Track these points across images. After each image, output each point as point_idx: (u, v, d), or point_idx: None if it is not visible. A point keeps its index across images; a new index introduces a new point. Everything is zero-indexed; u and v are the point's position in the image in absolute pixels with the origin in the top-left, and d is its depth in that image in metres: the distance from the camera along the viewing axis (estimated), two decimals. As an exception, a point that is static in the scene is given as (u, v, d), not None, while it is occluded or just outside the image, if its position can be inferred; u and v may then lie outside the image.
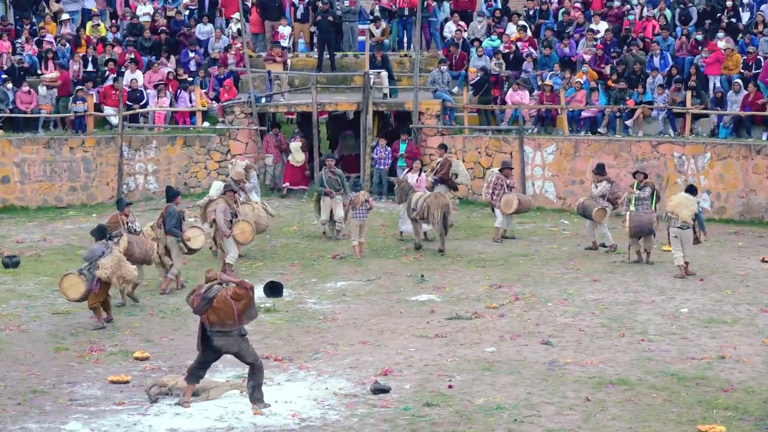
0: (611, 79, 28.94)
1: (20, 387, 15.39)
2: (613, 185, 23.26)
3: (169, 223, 20.27)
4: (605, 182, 23.20)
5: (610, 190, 23.09)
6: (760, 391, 14.93)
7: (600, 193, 23.10)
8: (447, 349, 16.92)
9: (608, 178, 23.40)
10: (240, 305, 14.21)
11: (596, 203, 23.05)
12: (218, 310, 14.18)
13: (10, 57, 30.12)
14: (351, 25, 32.34)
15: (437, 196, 23.11)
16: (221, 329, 14.24)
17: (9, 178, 27.77)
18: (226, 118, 29.58)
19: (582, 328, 17.90)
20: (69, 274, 18.36)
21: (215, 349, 14.39)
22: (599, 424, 13.83)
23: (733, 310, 18.91)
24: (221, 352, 14.43)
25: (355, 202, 22.95)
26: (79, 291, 18.18)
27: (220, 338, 14.29)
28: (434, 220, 22.88)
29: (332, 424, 13.96)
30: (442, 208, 22.79)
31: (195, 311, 14.42)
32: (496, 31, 31.70)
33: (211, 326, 14.23)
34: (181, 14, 32.44)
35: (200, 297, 14.28)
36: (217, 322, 14.20)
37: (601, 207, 22.96)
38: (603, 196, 23.06)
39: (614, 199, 23.05)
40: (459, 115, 29.84)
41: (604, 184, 23.16)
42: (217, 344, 14.31)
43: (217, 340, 14.30)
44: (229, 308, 14.20)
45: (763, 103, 26.93)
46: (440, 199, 22.97)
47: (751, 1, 31.26)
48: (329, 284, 21.07)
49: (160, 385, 14.95)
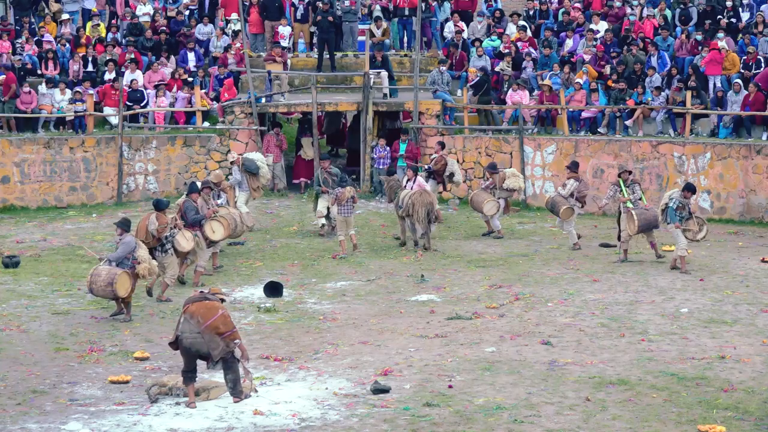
0: (611, 79, 28.95)
1: (20, 387, 15.40)
2: (581, 183, 23.67)
3: (190, 216, 20.58)
4: (573, 180, 23.60)
5: (577, 188, 23.51)
6: (760, 391, 14.93)
7: (568, 191, 23.52)
8: (447, 349, 16.92)
9: (577, 176, 23.75)
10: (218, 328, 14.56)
11: (565, 201, 23.42)
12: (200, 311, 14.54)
13: (10, 57, 30.11)
14: (351, 25, 32.33)
15: (422, 194, 23.29)
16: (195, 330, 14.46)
17: (9, 178, 27.76)
18: (226, 118, 29.58)
19: (582, 328, 17.90)
20: (122, 274, 18.35)
21: (185, 348, 14.57)
22: (599, 424, 13.84)
23: (733, 310, 18.91)
24: (191, 351, 14.57)
25: (341, 198, 23.14)
26: (126, 288, 18.47)
27: (189, 336, 14.50)
28: (418, 217, 23.13)
29: (332, 424, 13.96)
30: (425, 206, 23.03)
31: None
32: (496, 31, 31.71)
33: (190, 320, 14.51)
34: (181, 14, 32.44)
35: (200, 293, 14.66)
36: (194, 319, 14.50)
37: (569, 206, 23.34)
38: (572, 194, 23.46)
39: (581, 198, 23.55)
40: (459, 115, 29.85)
41: (572, 182, 23.59)
42: (186, 343, 14.50)
43: (187, 338, 14.50)
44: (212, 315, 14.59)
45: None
46: (425, 197, 23.18)
47: (751, 1, 31.25)
48: (329, 284, 21.07)
49: (160, 385, 14.97)
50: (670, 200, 21.44)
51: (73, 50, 30.90)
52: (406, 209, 23.26)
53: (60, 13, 32.32)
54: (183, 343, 14.53)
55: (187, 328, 14.51)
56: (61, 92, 29.07)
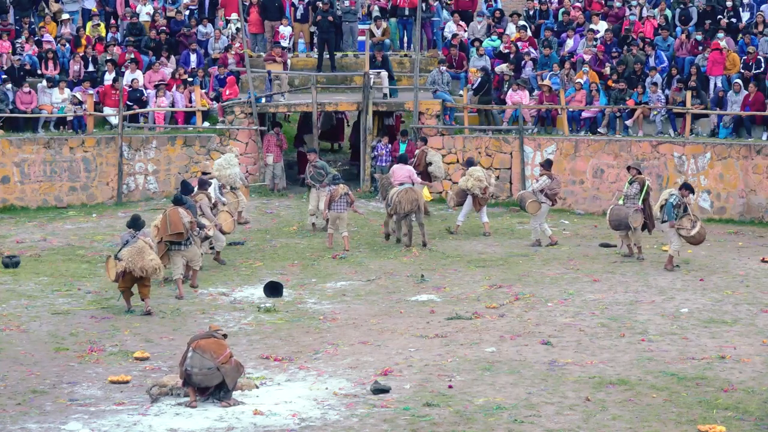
0: (611, 79, 28.95)
1: (20, 387, 15.40)
2: (552, 181, 23.83)
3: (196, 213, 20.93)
4: (545, 177, 23.82)
5: (549, 185, 23.67)
6: (760, 391, 14.93)
7: (539, 187, 23.75)
8: (447, 349, 16.92)
9: (549, 174, 23.95)
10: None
11: (532, 196, 23.67)
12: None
13: (10, 57, 30.11)
14: (351, 25, 32.33)
15: (407, 191, 23.52)
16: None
17: (9, 178, 27.74)
18: (226, 118, 29.58)
19: (582, 328, 17.90)
20: (108, 257, 19.10)
21: (195, 383, 14.72)
22: (599, 424, 13.84)
23: (733, 310, 18.91)
24: (200, 386, 14.73)
25: (334, 195, 23.41)
26: (112, 274, 18.88)
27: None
28: (399, 211, 23.43)
29: (332, 424, 13.97)
30: (411, 203, 23.27)
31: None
32: (496, 31, 31.71)
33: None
34: (181, 14, 32.43)
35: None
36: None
37: (534, 200, 23.53)
38: (542, 190, 23.66)
39: (552, 195, 23.75)
40: (459, 115, 29.85)
41: (544, 179, 23.82)
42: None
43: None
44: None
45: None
46: (410, 194, 23.42)
47: (751, 1, 31.25)
48: (329, 284, 21.07)
49: (161, 385, 14.98)
50: (671, 196, 21.45)
51: (73, 50, 30.90)
52: (394, 206, 23.51)
53: (60, 13, 32.31)
54: (192, 378, 14.56)
55: (197, 363, 14.53)
56: (61, 92, 29.07)
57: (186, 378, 14.59)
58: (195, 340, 14.81)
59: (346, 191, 23.47)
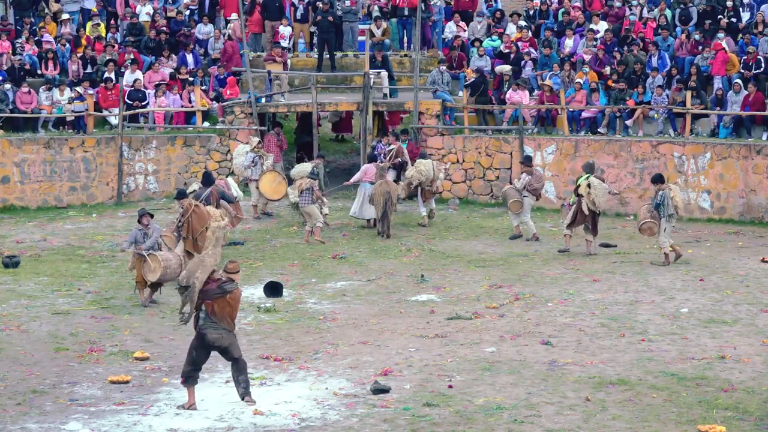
0: (611, 79, 28.95)
1: (20, 387, 15.40)
2: (533, 177, 24.28)
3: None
4: (525, 174, 24.33)
5: (529, 182, 24.16)
6: (760, 391, 14.94)
7: (521, 185, 24.25)
8: (447, 349, 16.92)
9: (530, 171, 24.44)
10: (237, 308, 14.51)
11: (516, 194, 24.20)
12: (225, 306, 14.28)
13: (10, 57, 30.11)
14: (351, 25, 32.33)
15: (381, 185, 24.58)
16: (217, 323, 14.28)
17: (9, 178, 27.74)
18: (226, 118, 29.59)
19: (582, 328, 17.90)
20: (151, 255, 19.31)
21: (207, 344, 14.39)
22: (599, 424, 13.84)
23: (733, 310, 18.91)
24: (213, 346, 14.42)
25: (300, 189, 24.33)
26: (150, 275, 19.28)
27: (214, 332, 14.31)
28: (377, 206, 24.54)
29: (332, 424, 13.97)
30: (383, 195, 24.38)
31: (202, 295, 14.33)
32: (496, 31, 31.71)
33: (211, 316, 14.25)
34: (181, 14, 32.43)
35: (217, 285, 14.32)
36: (217, 316, 14.25)
37: (517, 199, 24.09)
38: (524, 188, 24.15)
39: (533, 191, 24.29)
40: (459, 115, 29.85)
41: (524, 176, 24.33)
42: (211, 338, 14.32)
43: (211, 333, 14.31)
44: (234, 309, 14.40)
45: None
46: (383, 187, 24.49)
47: (751, 1, 31.25)
48: (329, 284, 21.07)
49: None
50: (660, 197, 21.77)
51: (73, 50, 30.90)
52: (369, 198, 24.81)
53: (60, 13, 32.32)
54: (206, 338, 14.33)
55: (210, 324, 14.32)
56: (61, 92, 29.07)
57: (199, 338, 14.42)
58: (206, 299, 14.31)
59: (310, 186, 24.18)
